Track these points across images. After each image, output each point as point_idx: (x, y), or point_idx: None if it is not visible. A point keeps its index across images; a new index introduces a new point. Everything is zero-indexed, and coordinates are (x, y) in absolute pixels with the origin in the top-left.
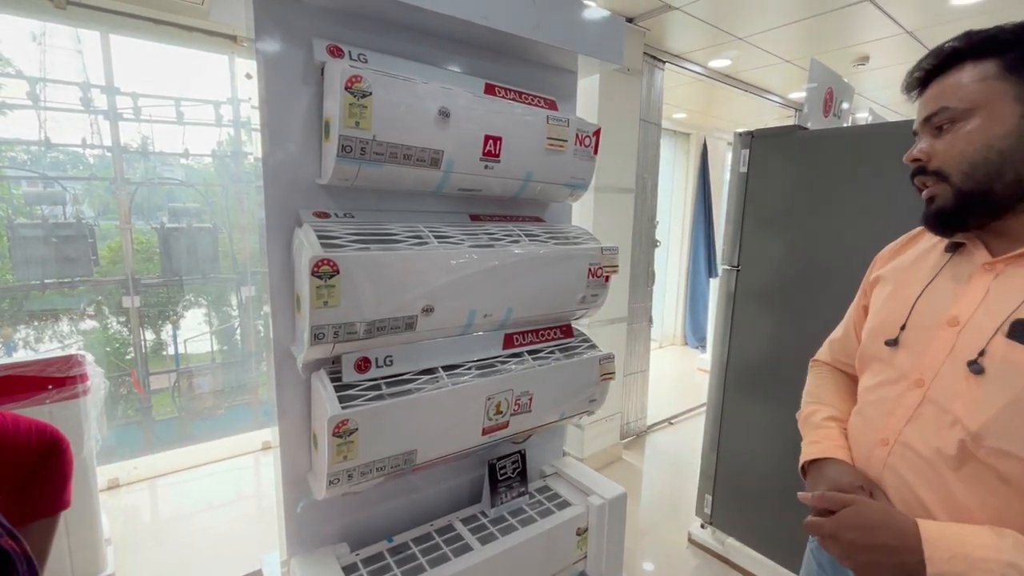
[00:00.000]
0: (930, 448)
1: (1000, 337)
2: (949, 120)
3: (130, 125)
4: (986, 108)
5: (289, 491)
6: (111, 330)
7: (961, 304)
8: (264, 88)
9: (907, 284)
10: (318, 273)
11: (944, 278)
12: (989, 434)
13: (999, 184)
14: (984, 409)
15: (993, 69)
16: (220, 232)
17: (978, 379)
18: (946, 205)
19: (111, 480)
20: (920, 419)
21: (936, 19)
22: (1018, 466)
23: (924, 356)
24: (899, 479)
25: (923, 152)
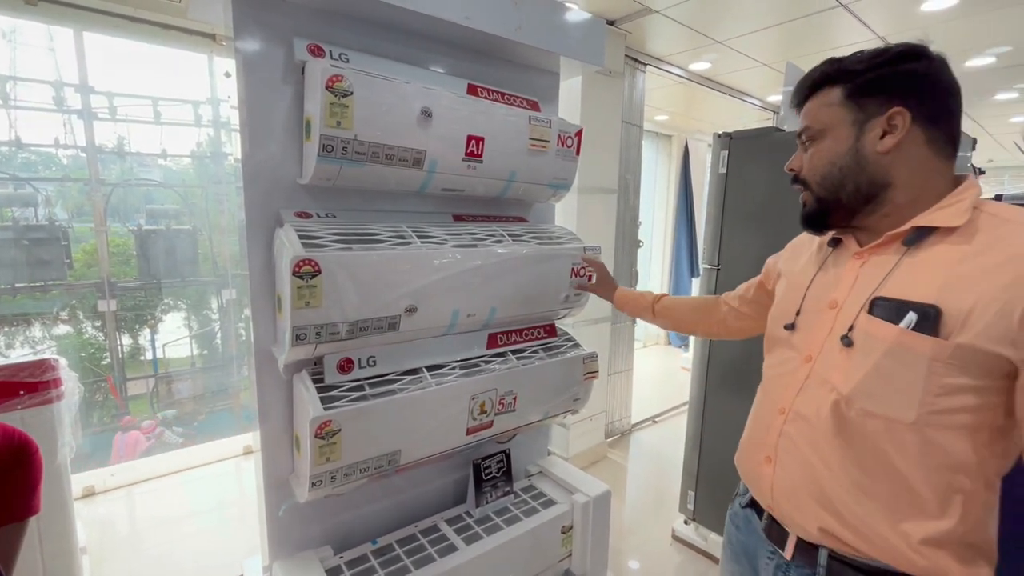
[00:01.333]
0: (814, 413)
1: (863, 313)
2: (810, 138)
3: (105, 125)
4: (832, 130)
5: (271, 494)
6: (86, 335)
7: (838, 289)
8: (243, 87)
9: (801, 276)
10: (299, 273)
11: (827, 269)
12: (857, 397)
13: (843, 193)
14: (852, 376)
15: (839, 96)
16: (200, 234)
17: (848, 351)
18: (811, 209)
19: (86, 488)
20: (808, 389)
21: (907, 25)
22: (880, 424)
23: (812, 335)
24: (792, 443)
25: (795, 163)
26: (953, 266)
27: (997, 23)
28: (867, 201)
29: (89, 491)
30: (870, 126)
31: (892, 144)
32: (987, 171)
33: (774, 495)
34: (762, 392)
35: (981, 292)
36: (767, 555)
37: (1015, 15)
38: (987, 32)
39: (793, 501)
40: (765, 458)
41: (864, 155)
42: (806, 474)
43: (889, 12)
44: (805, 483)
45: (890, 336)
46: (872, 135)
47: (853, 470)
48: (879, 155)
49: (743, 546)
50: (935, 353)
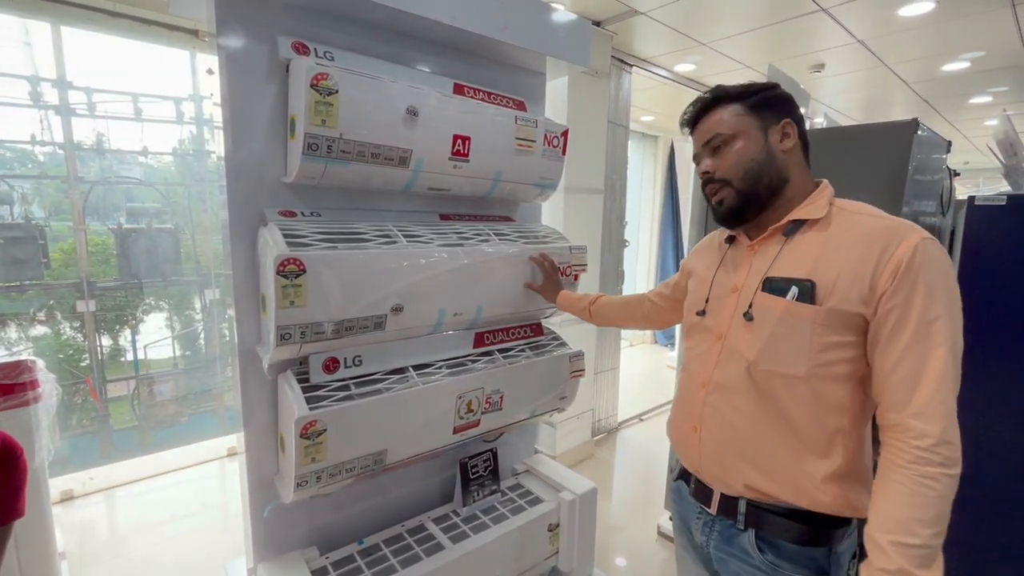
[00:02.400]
0: (730, 381)
1: (759, 292)
2: (723, 142)
3: (84, 121)
4: (743, 134)
5: (255, 496)
6: (64, 336)
7: (738, 276)
8: (227, 85)
9: (706, 271)
10: (284, 272)
11: (727, 262)
12: (761, 360)
13: (760, 185)
14: (756, 344)
15: (741, 108)
16: (182, 233)
17: (749, 324)
18: (733, 204)
19: (64, 492)
20: (722, 363)
21: (884, 30)
22: (780, 380)
23: (720, 317)
24: (714, 410)
25: (710, 167)
26: (820, 248)
27: (971, 29)
28: (774, 194)
29: (68, 495)
30: (771, 132)
31: (790, 145)
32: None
33: (702, 459)
34: (684, 372)
35: (841, 266)
36: (696, 515)
37: (988, 21)
38: (962, 37)
39: (719, 462)
40: (692, 427)
41: (773, 153)
42: (728, 435)
43: (868, 17)
44: (728, 443)
45: (780, 307)
46: (774, 138)
47: (764, 424)
48: (783, 153)
49: (680, 515)
50: (814, 317)
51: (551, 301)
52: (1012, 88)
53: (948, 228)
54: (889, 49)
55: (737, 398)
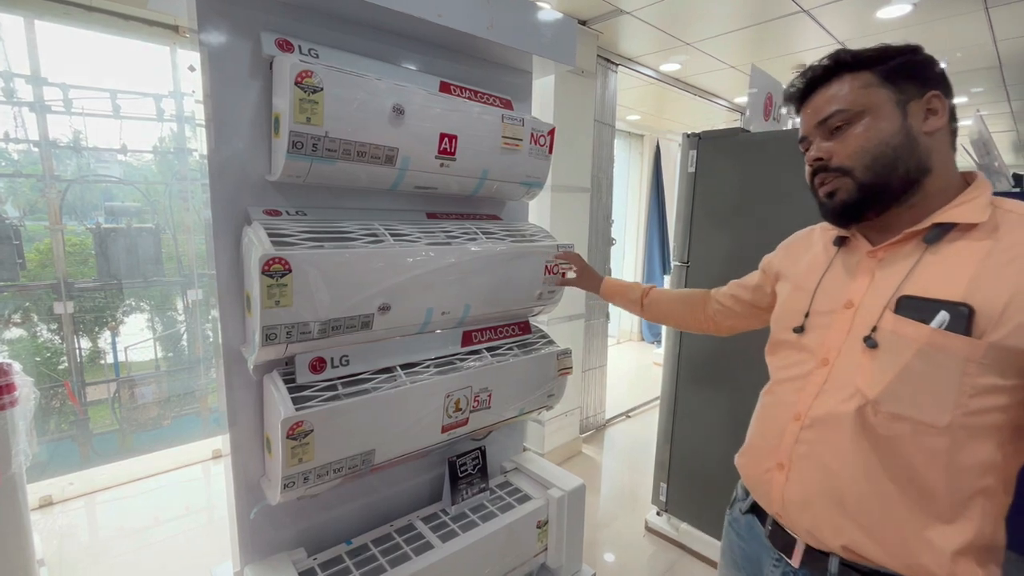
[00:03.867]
0: (836, 418)
1: (888, 313)
2: (845, 121)
3: (60, 118)
4: (875, 110)
5: (242, 498)
6: (41, 338)
7: (853, 289)
8: (209, 81)
9: (805, 278)
10: (269, 272)
11: (835, 269)
12: (885, 400)
13: (894, 176)
14: (880, 378)
15: (872, 78)
16: (163, 232)
17: (873, 352)
18: (850, 197)
19: (43, 498)
20: (827, 393)
21: (864, 31)
22: (908, 427)
23: (827, 337)
24: (810, 449)
25: (824, 151)
26: (980, 263)
27: (947, 31)
28: (908, 187)
29: (47, 501)
30: (912, 108)
31: (937, 126)
32: None
33: (785, 503)
34: (771, 396)
35: (1015, 289)
36: (772, 561)
37: (963, 24)
38: (938, 39)
39: (808, 510)
40: (776, 464)
41: (913, 135)
42: (826, 482)
43: (848, 18)
44: (824, 491)
45: (921, 336)
46: (916, 116)
47: (877, 476)
48: (926, 136)
49: (744, 552)
50: (969, 353)
51: (593, 291)
52: (987, 89)
53: None
54: None
55: (842, 440)
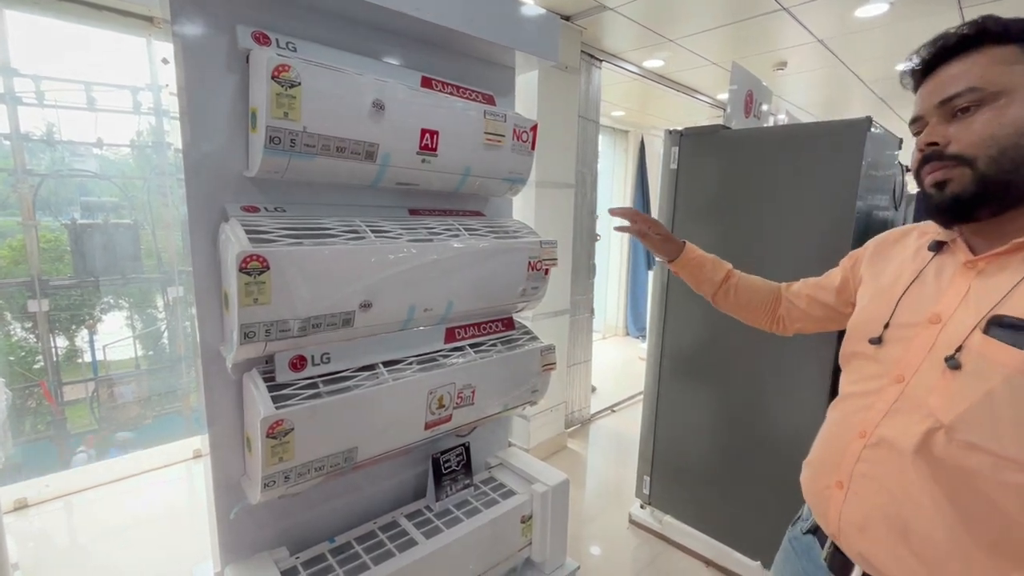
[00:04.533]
0: (904, 441)
1: (977, 333)
2: (976, 102)
3: (32, 111)
4: (1015, 92)
5: (222, 497)
6: (15, 337)
7: (943, 302)
8: (183, 74)
9: (891, 283)
10: (247, 269)
11: (927, 277)
12: (961, 427)
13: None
14: (958, 403)
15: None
16: (142, 228)
17: (954, 374)
18: (964, 191)
19: (18, 501)
20: (898, 413)
21: (843, 29)
22: (985, 459)
23: (906, 353)
24: (872, 469)
25: (941, 135)
26: None
27: (922, 30)
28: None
29: (21, 503)
30: None
31: None
32: None
33: (842, 524)
34: (838, 412)
35: None
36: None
37: (938, 23)
38: (915, 37)
39: (866, 532)
40: (836, 482)
41: None
42: (886, 506)
43: (826, 16)
44: (884, 515)
45: (1013, 363)
46: None
47: (948, 510)
48: None
49: (798, 571)
50: None
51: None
52: None
53: (900, 221)
54: (847, 49)
55: (907, 465)
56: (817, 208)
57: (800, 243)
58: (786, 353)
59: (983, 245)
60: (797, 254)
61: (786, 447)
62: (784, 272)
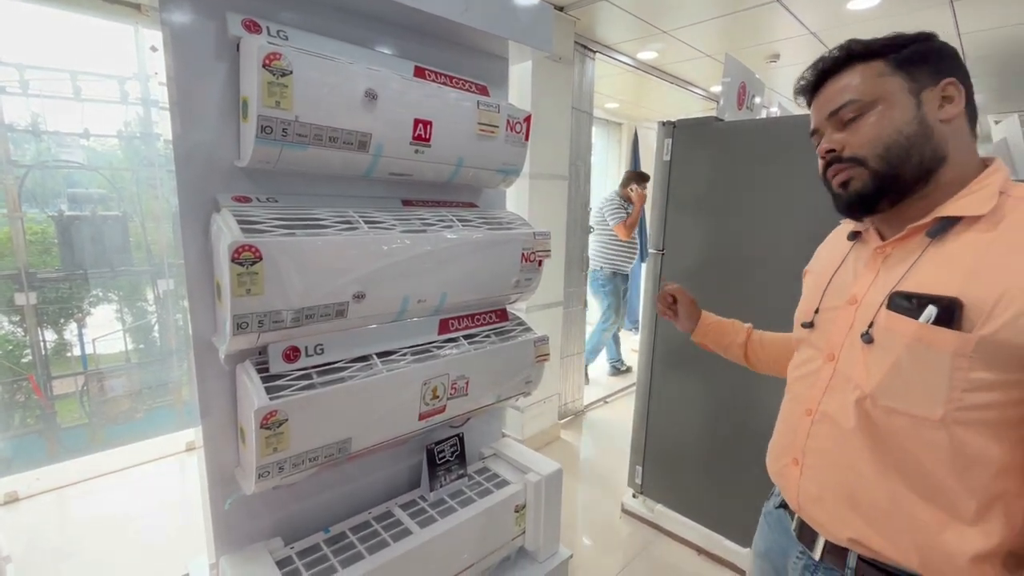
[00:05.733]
0: (840, 413)
1: (883, 309)
2: (857, 111)
3: (16, 100)
4: (887, 99)
5: (216, 489)
6: (2, 330)
7: (858, 285)
8: (173, 63)
9: (821, 273)
10: (239, 260)
11: (847, 265)
12: (880, 394)
13: (907, 166)
14: (875, 373)
15: (884, 67)
16: (131, 220)
17: (869, 348)
18: (864, 188)
19: (9, 494)
20: (834, 389)
21: (836, 21)
22: (906, 421)
23: (832, 333)
24: (820, 444)
25: (837, 142)
26: (978, 256)
27: (913, 23)
28: (922, 178)
29: (12, 497)
30: (926, 96)
31: (953, 113)
32: None
33: (800, 498)
34: (788, 393)
35: (1009, 282)
36: (796, 554)
37: (929, 16)
38: (906, 30)
39: (820, 504)
40: (792, 460)
41: (928, 123)
42: (835, 477)
43: (819, 9)
44: (833, 486)
45: (909, 331)
46: (931, 104)
47: (886, 473)
48: (941, 124)
49: (772, 545)
50: (957, 348)
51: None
52: None
53: None
54: (840, 41)
55: (848, 436)
56: (809, 200)
57: (792, 235)
58: None
59: (889, 232)
60: (789, 247)
61: None
62: (776, 265)
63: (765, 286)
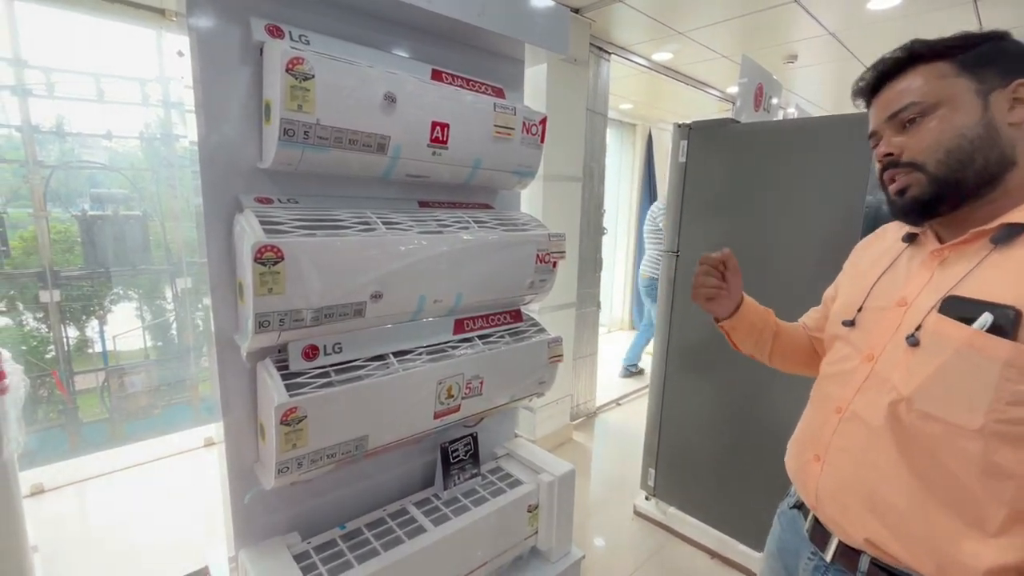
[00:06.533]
0: (872, 414)
1: (934, 313)
2: (919, 113)
3: (42, 103)
4: (951, 102)
5: (236, 483)
6: (27, 327)
7: (909, 287)
8: (198, 67)
9: (867, 272)
10: (261, 260)
11: (898, 265)
12: (918, 398)
13: (970, 171)
14: (916, 376)
15: (948, 69)
16: (151, 220)
17: (914, 351)
18: (922, 194)
19: (34, 486)
20: (868, 389)
21: (855, 22)
22: (940, 428)
23: (874, 334)
24: (845, 441)
25: (895, 146)
26: None
27: (936, 23)
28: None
29: (38, 488)
30: (995, 98)
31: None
32: None
33: (819, 495)
34: (817, 390)
35: None
36: (808, 555)
37: (952, 16)
38: (927, 32)
39: (839, 502)
40: (814, 456)
41: (996, 126)
42: (856, 475)
43: (838, 9)
44: (854, 484)
45: (960, 337)
46: (1000, 106)
47: (909, 477)
48: (1011, 127)
49: (783, 544)
50: (1010, 358)
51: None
52: None
53: None
54: (859, 42)
55: (876, 437)
56: (826, 202)
57: (809, 238)
58: None
59: (949, 235)
60: (806, 249)
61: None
62: (792, 267)
63: (781, 290)
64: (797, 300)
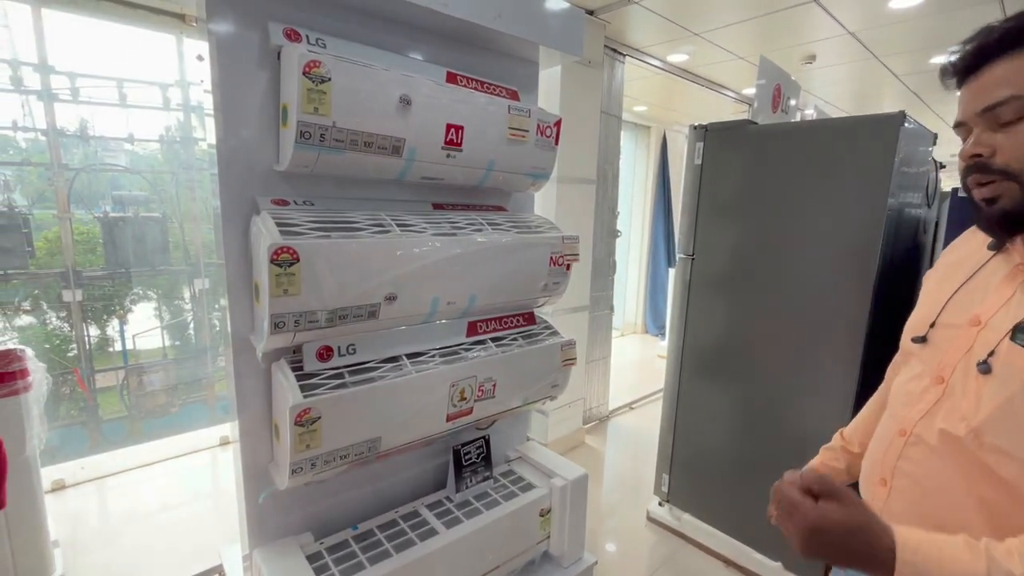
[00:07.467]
0: (939, 441)
1: (1007, 339)
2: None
3: (67, 107)
4: None
5: (250, 483)
6: (50, 326)
7: (986, 305)
8: (217, 71)
9: (945, 283)
10: (277, 261)
11: (979, 278)
12: (987, 431)
13: None
14: (984, 407)
15: None
16: (170, 221)
17: (985, 378)
18: (1014, 207)
19: (56, 482)
20: (935, 414)
21: (875, 21)
22: (1011, 464)
23: (946, 353)
24: (912, 467)
25: (986, 145)
26: None
27: (960, 22)
28: None
29: (59, 484)
30: None
31: None
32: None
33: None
34: (888, 408)
35: None
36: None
37: (976, 14)
38: (951, 30)
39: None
40: (880, 479)
41: None
42: (923, 504)
43: (858, 8)
44: (921, 514)
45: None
46: None
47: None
48: None
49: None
50: None
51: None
52: None
53: (933, 220)
54: (879, 41)
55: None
56: (847, 206)
57: (828, 242)
58: (809, 352)
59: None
60: (825, 253)
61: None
62: (810, 273)
63: (797, 294)
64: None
